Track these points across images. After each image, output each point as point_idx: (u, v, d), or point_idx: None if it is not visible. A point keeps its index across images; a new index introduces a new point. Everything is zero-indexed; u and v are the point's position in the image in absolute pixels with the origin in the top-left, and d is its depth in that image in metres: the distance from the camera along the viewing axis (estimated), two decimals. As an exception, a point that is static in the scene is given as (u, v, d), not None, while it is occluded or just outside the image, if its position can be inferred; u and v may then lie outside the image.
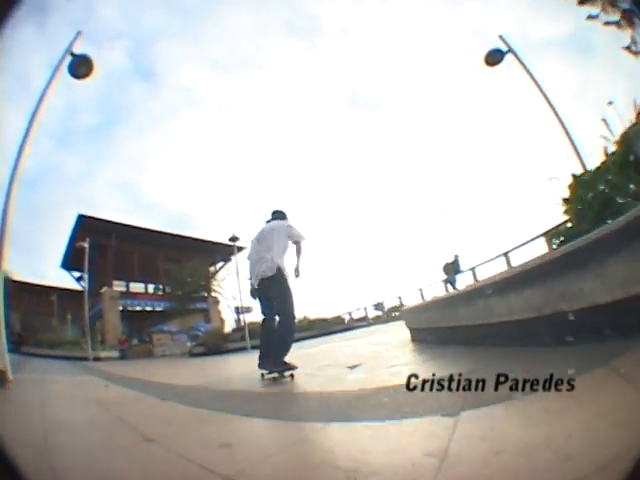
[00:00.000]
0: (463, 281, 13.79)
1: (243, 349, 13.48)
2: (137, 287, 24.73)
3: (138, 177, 45.53)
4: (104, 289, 24.00)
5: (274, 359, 3.25)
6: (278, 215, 4.01)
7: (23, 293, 24.22)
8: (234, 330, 15.11)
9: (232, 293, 15.48)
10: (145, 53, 40.82)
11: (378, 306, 18.56)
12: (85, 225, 21.81)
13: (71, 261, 23.90)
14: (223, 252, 18.36)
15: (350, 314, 20.01)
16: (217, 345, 14.12)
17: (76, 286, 25.44)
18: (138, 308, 22.30)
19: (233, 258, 24.40)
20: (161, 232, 22.29)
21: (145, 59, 38.55)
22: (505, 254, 12.53)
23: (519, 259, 12.93)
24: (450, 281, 12.28)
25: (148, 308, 21.47)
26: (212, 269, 22.93)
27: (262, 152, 50.73)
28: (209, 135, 44.90)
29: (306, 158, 52.63)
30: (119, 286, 25.25)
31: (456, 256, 12.30)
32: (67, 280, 24.90)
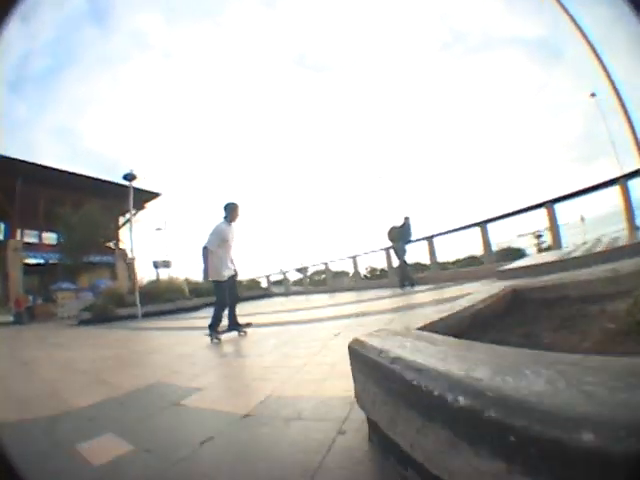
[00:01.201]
0: (414, 252, 10.45)
1: (133, 317, 10.94)
2: (49, 238, 21.32)
3: (75, 122, 40.97)
4: (10, 240, 20.59)
5: (209, 327, 4.38)
6: (224, 212, 4.45)
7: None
8: (129, 292, 12.39)
9: (130, 246, 12.50)
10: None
11: (301, 270, 16.46)
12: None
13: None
14: (136, 199, 15.11)
15: (268, 277, 18.06)
16: (104, 310, 11.53)
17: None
18: (37, 261, 19.11)
19: (146, 205, 21.10)
20: (66, 172, 18.46)
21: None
22: (481, 224, 9.49)
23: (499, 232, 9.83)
24: (396, 250, 9.18)
25: (52, 262, 18.27)
26: (122, 219, 19.59)
27: (203, 105, 46.47)
28: (152, 81, 40.74)
29: (249, 114, 49.37)
30: (30, 236, 21.80)
31: (406, 219, 9.16)
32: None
